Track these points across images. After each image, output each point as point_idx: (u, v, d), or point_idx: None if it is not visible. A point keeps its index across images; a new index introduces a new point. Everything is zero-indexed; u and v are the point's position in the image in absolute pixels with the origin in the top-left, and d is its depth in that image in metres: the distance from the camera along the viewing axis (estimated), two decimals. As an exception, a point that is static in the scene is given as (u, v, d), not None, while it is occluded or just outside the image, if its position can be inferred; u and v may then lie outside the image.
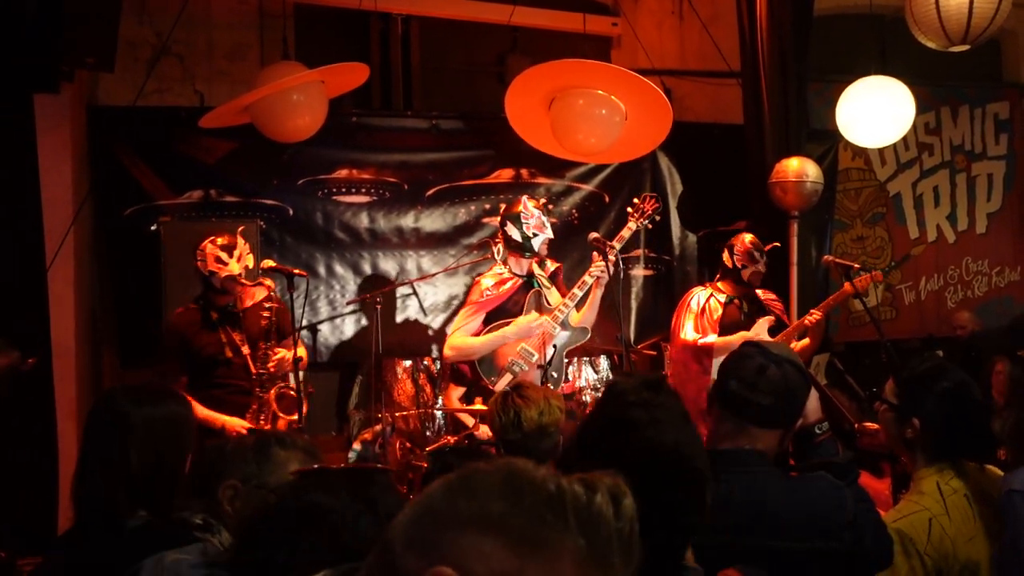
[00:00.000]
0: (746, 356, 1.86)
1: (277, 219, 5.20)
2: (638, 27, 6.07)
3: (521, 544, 0.74)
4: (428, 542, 0.76)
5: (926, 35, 4.45)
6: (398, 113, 5.67)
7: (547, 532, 0.74)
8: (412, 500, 0.82)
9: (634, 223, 4.45)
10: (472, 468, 0.79)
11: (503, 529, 0.74)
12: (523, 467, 0.79)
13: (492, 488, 0.76)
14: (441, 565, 0.73)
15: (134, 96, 5.02)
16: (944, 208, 6.93)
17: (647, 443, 1.34)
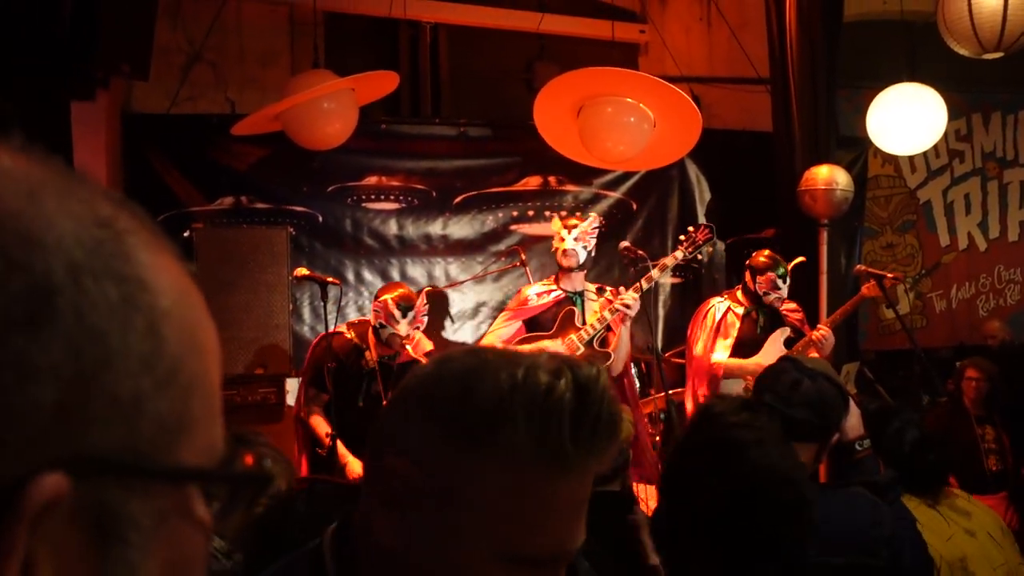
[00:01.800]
0: (781, 371, 1.86)
1: (307, 226, 5.24)
2: (666, 34, 6.07)
3: (463, 440, 0.73)
4: (386, 434, 0.78)
5: (959, 42, 4.41)
6: (427, 120, 5.70)
7: (489, 426, 0.72)
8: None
9: (681, 252, 4.35)
10: (444, 358, 0.80)
11: (445, 422, 0.74)
12: (491, 355, 0.77)
13: (448, 378, 0.76)
14: (396, 456, 0.75)
15: (167, 103, 5.09)
16: (975, 215, 6.86)
17: (753, 465, 1.31)
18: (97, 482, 0.36)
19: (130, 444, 0.37)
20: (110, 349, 0.37)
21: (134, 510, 0.38)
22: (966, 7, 4.31)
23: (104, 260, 0.38)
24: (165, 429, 0.39)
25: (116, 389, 0.37)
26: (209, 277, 4.47)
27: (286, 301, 4.57)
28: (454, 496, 0.73)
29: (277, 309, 4.58)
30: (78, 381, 0.36)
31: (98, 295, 0.37)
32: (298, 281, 4.36)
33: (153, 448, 0.38)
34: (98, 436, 0.36)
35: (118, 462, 0.37)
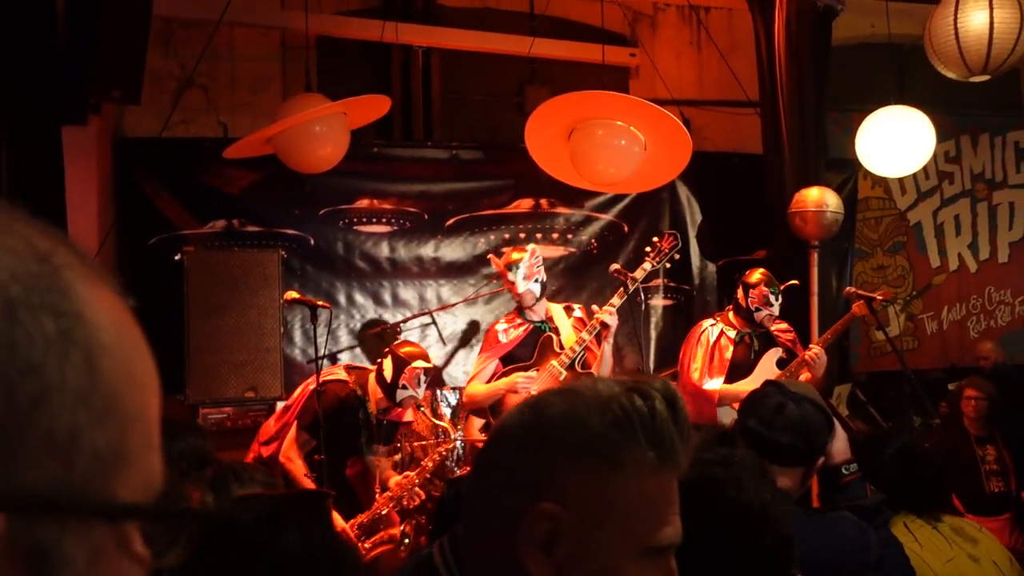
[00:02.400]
0: (765, 395, 1.86)
1: (299, 249, 5.24)
2: (656, 57, 6.11)
3: (603, 466, 0.85)
4: (522, 482, 0.85)
5: (946, 65, 4.46)
6: (419, 144, 5.72)
7: (622, 451, 0.85)
8: (490, 442, 0.93)
9: (650, 263, 4.39)
10: (538, 403, 0.89)
11: (585, 457, 0.85)
12: (584, 392, 0.88)
13: (564, 420, 0.86)
14: (543, 501, 0.83)
15: (159, 127, 5.10)
16: (965, 237, 6.90)
17: (731, 504, 1.27)
18: (31, 520, 0.35)
19: (64, 480, 0.37)
20: (45, 383, 0.36)
21: (68, 548, 0.37)
22: (952, 31, 4.36)
23: (40, 294, 0.38)
24: (101, 463, 0.38)
25: (51, 424, 0.36)
26: (200, 300, 4.46)
27: (277, 324, 4.56)
28: (604, 515, 0.85)
29: (268, 332, 4.57)
30: (12, 417, 0.35)
31: (34, 329, 0.37)
32: (289, 304, 4.34)
33: (88, 484, 0.37)
34: (32, 473, 0.35)
35: (52, 500, 0.36)
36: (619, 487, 0.84)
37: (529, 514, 0.83)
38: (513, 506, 0.85)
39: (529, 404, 0.90)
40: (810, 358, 4.41)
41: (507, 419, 0.90)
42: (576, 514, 0.83)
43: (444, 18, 5.82)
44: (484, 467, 0.91)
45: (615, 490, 0.84)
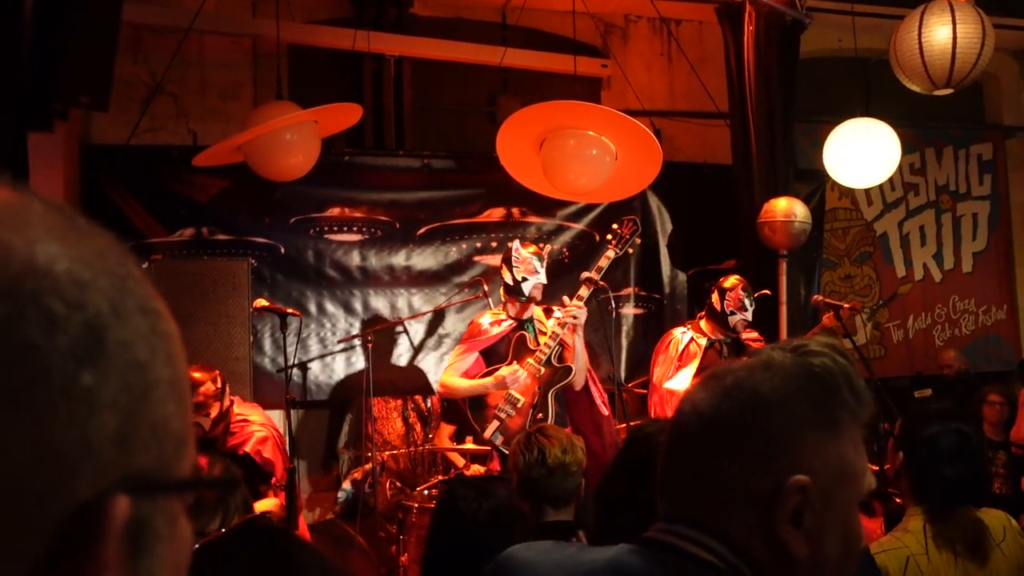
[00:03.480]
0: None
1: (268, 257, 5.21)
2: (627, 69, 6.16)
3: (827, 431, 0.90)
4: (762, 464, 0.89)
5: (910, 79, 4.54)
6: (390, 152, 5.71)
7: (836, 411, 0.90)
8: (692, 437, 0.94)
9: (612, 251, 4.43)
10: (740, 386, 0.91)
11: (812, 425, 0.89)
12: (773, 364, 0.92)
13: (782, 395, 0.90)
14: (790, 477, 0.87)
15: (127, 134, 5.05)
16: (930, 247, 7.01)
17: None
18: (140, 499, 0.40)
19: (160, 463, 0.41)
20: (148, 378, 0.41)
21: (158, 523, 0.42)
22: (917, 45, 4.44)
23: (130, 295, 0.42)
24: (178, 444, 0.43)
25: (153, 413, 0.41)
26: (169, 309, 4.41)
27: (247, 333, 4.53)
28: (838, 477, 0.89)
29: (238, 341, 4.53)
30: (130, 411, 0.39)
31: (135, 328, 0.41)
32: (259, 313, 4.32)
33: (172, 464, 0.42)
34: (141, 458, 0.40)
35: (155, 481, 0.41)
36: (842, 447, 0.89)
37: (783, 491, 0.86)
38: (761, 489, 0.87)
39: (727, 390, 0.91)
40: None
41: (705, 410, 0.91)
42: (818, 482, 0.87)
43: (416, 27, 5.82)
44: (694, 462, 0.92)
45: (840, 450, 0.89)
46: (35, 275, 0.38)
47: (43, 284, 0.38)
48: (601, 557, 0.93)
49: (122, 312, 0.40)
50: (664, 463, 0.95)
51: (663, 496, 0.94)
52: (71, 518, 0.37)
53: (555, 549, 1.01)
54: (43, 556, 0.37)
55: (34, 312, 0.37)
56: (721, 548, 0.88)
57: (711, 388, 0.92)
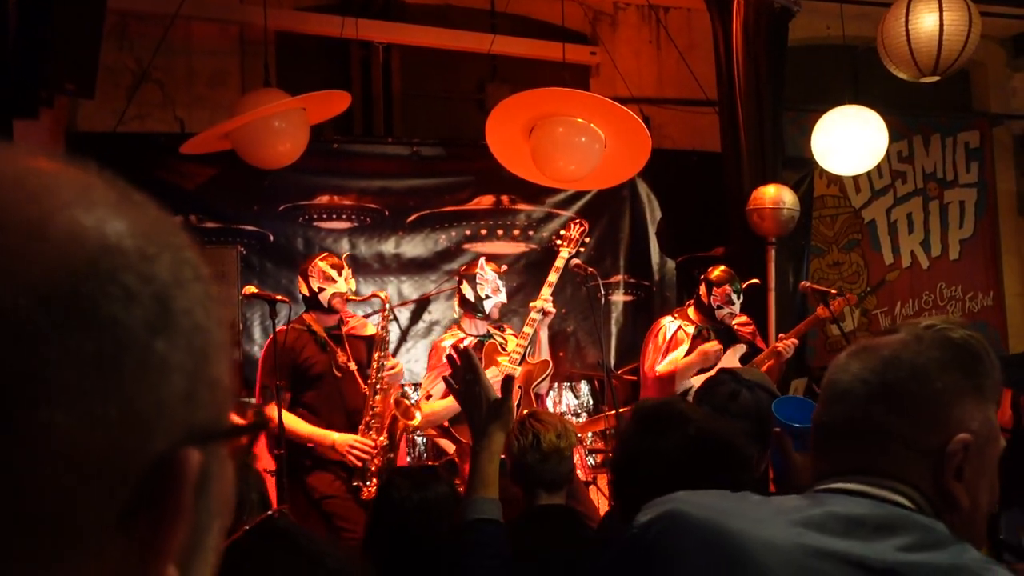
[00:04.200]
0: (719, 382, 1.90)
1: (257, 245, 5.19)
2: (616, 56, 6.16)
3: (978, 394, 1.03)
4: (931, 422, 1.01)
5: (897, 66, 4.56)
6: (379, 140, 5.70)
7: (983, 378, 1.03)
8: (864, 399, 1.05)
9: (566, 251, 4.49)
10: (892, 353, 1.03)
11: (971, 390, 1.02)
12: (929, 338, 1.04)
13: (946, 366, 1.02)
14: (959, 433, 1.00)
15: (114, 122, 5.02)
16: (918, 235, 7.05)
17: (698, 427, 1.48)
18: (204, 450, 0.44)
19: (216, 414, 0.46)
20: (208, 340, 0.45)
21: (212, 467, 0.46)
22: (904, 32, 4.46)
23: (186, 264, 0.45)
24: (228, 397, 0.47)
25: (212, 373, 0.45)
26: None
27: (236, 321, 4.52)
28: (989, 436, 1.02)
29: (226, 329, 4.52)
30: (195, 372, 0.43)
31: (193, 294, 0.44)
32: (247, 300, 4.31)
33: (224, 414, 0.47)
34: (203, 413, 0.44)
35: (215, 432, 0.46)
36: (988, 409, 1.02)
37: (949, 449, 0.98)
38: (929, 446, 0.99)
39: (886, 361, 1.02)
40: (784, 347, 4.49)
41: (870, 378, 1.02)
42: (976, 440, 0.99)
43: (405, 14, 5.80)
44: (865, 423, 1.02)
45: (988, 413, 1.02)
46: (110, 253, 0.41)
47: (118, 262, 0.41)
48: (810, 505, 1.01)
49: (182, 281, 0.44)
50: (825, 426, 1.06)
51: (826, 456, 1.06)
52: (151, 470, 0.41)
53: (735, 499, 1.06)
54: (129, 504, 0.41)
55: (113, 289, 0.41)
56: (912, 493, 0.99)
57: (867, 359, 1.04)
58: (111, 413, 0.40)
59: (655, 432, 1.49)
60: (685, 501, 1.03)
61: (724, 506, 1.03)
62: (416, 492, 1.95)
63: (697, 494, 1.06)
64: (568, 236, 4.50)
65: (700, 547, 0.98)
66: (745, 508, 1.03)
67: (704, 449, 1.43)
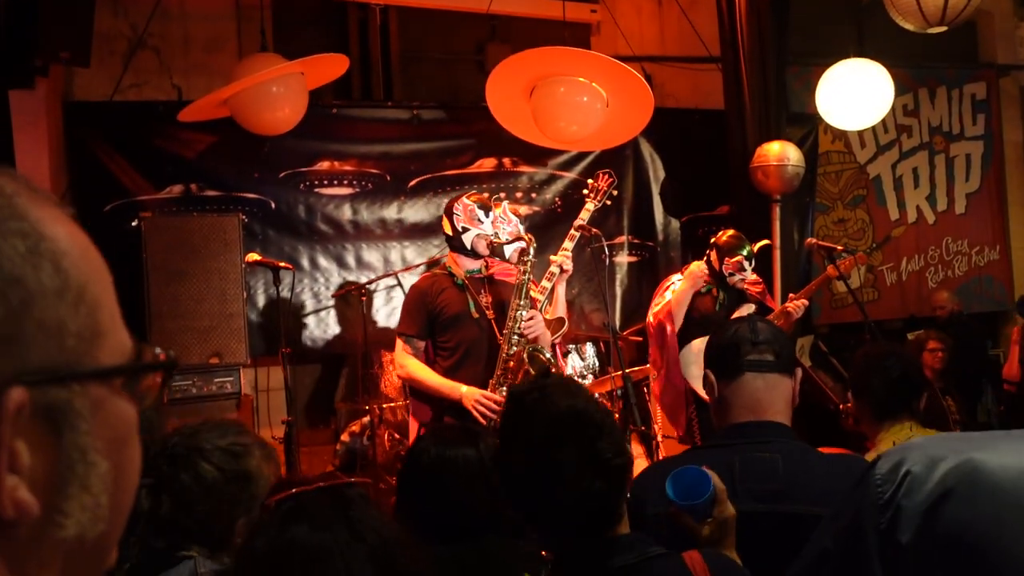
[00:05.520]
0: (733, 323, 1.90)
1: (259, 212, 5.17)
2: (618, 14, 6.07)
3: None
4: None
5: (904, 17, 4.48)
6: (379, 104, 5.64)
7: None
8: None
9: (592, 204, 4.36)
10: None
11: None
12: None
13: None
14: None
15: (110, 91, 4.97)
16: (923, 189, 6.99)
17: (545, 416, 1.45)
18: (44, 388, 0.49)
19: (60, 356, 0.50)
20: (28, 290, 0.49)
21: (76, 404, 0.50)
22: (910, -18, 4.37)
23: (6, 223, 0.49)
24: (83, 340, 0.51)
25: (41, 317, 0.49)
26: (160, 267, 4.39)
27: (240, 289, 4.51)
28: None
29: (231, 297, 4.51)
30: (10, 317, 0.48)
31: (10, 251, 0.49)
32: (251, 268, 4.29)
33: (78, 356, 0.51)
34: (36, 354, 0.48)
35: (54, 371, 0.49)
36: None
37: None
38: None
39: None
40: (794, 308, 4.46)
41: None
42: None
43: (401, -25, 5.71)
44: None
45: None
46: None
47: None
48: None
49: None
50: None
51: None
52: None
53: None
54: None
55: None
56: None
57: None
58: None
59: (512, 429, 1.50)
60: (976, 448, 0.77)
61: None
62: (436, 448, 1.93)
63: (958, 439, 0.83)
64: (595, 187, 4.33)
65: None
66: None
67: (549, 436, 1.42)
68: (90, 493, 0.51)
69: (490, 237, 3.63)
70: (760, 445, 1.76)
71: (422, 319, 3.62)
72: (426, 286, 3.70)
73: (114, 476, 0.52)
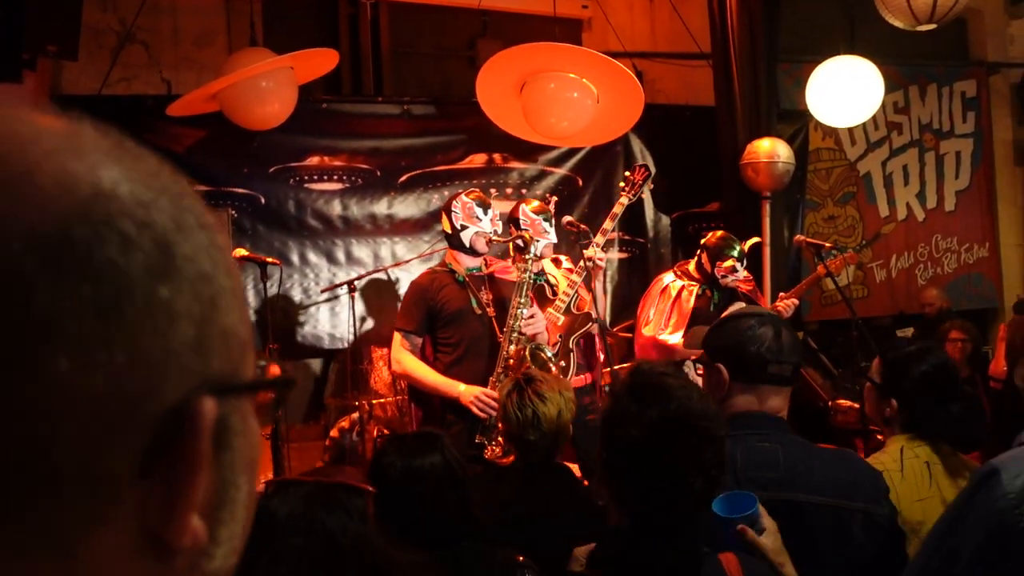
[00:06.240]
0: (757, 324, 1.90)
1: (249, 208, 5.15)
2: (609, 10, 6.06)
3: None
4: None
5: (893, 14, 4.49)
6: (369, 99, 5.62)
7: None
8: None
9: (626, 198, 4.33)
10: None
11: None
12: None
13: None
14: None
15: (99, 84, 4.95)
16: (913, 186, 7.01)
17: (679, 402, 1.50)
18: (222, 400, 0.44)
19: (231, 366, 0.45)
20: (215, 288, 0.44)
21: (234, 420, 0.46)
22: (900, -21, 4.38)
23: (188, 211, 0.44)
24: (244, 349, 0.47)
25: (222, 321, 0.44)
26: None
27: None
28: None
29: (220, 293, 4.49)
30: (203, 319, 0.43)
31: (198, 242, 0.44)
32: (240, 264, 4.27)
33: (241, 366, 0.46)
34: (216, 362, 0.44)
35: (230, 382, 0.45)
36: None
37: None
38: None
39: None
40: (784, 308, 4.47)
41: None
42: None
43: (392, -31, 5.70)
44: None
45: None
46: (104, 199, 0.41)
47: (112, 207, 0.40)
48: None
49: (184, 228, 0.43)
50: None
51: None
52: (164, 418, 0.41)
53: None
54: (146, 453, 0.40)
55: (109, 234, 0.40)
56: None
57: None
58: (117, 359, 0.39)
59: (640, 400, 1.53)
60: None
61: None
62: (402, 459, 1.92)
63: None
64: (631, 180, 4.32)
65: None
66: None
67: (677, 425, 1.48)
68: (236, 520, 0.47)
69: (488, 235, 3.64)
70: (760, 435, 1.82)
71: (421, 315, 3.63)
72: (427, 283, 3.71)
73: (248, 501, 0.48)
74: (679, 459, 1.46)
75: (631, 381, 1.60)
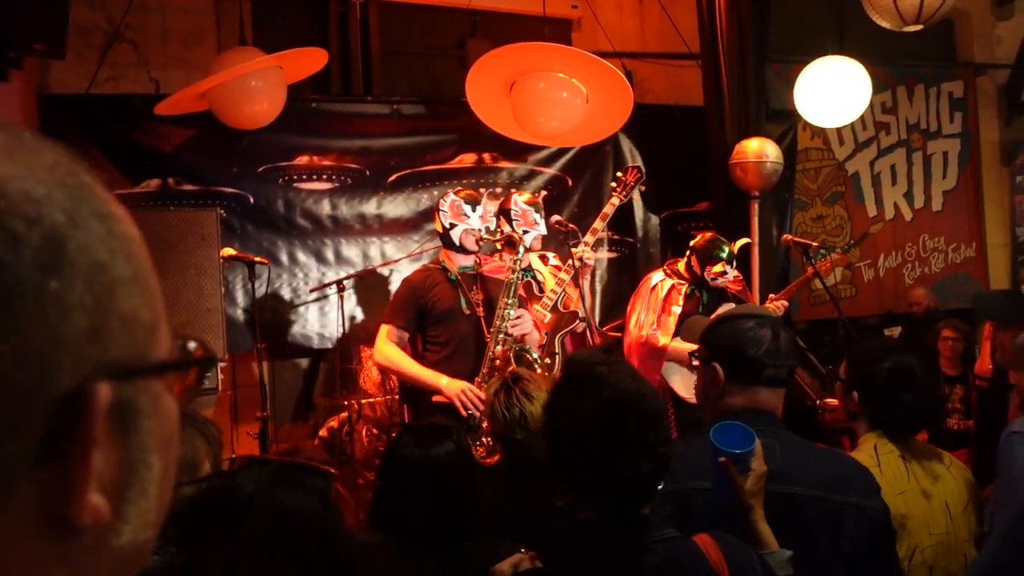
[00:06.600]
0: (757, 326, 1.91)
1: (237, 207, 5.14)
2: (598, 10, 6.07)
3: None
4: None
5: (880, 15, 4.51)
6: (358, 98, 5.62)
7: None
8: None
9: (617, 198, 4.36)
10: None
11: None
12: None
13: None
14: None
15: (86, 84, 4.93)
16: (901, 186, 7.04)
17: (613, 389, 1.51)
18: (122, 384, 0.45)
19: (135, 350, 0.47)
20: (112, 276, 0.45)
21: (141, 401, 0.47)
22: (887, -20, 4.40)
23: (83, 202, 0.46)
24: (149, 332, 0.48)
25: (120, 308, 0.46)
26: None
27: (218, 284, 4.48)
28: None
29: (209, 292, 4.48)
30: (97, 308, 0.44)
31: (93, 233, 0.45)
32: (228, 263, 4.27)
33: (146, 350, 0.48)
34: (115, 348, 0.45)
35: (132, 366, 0.46)
36: None
37: None
38: None
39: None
40: (774, 309, 4.47)
41: None
42: None
43: (382, -31, 5.69)
44: None
45: None
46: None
47: (0, 205, 0.41)
48: None
49: (78, 220, 0.44)
50: None
51: None
52: (60, 405, 0.42)
53: None
54: (41, 438, 0.42)
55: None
56: None
57: None
58: (3, 351, 0.40)
59: (574, 393, 1.55)
60: None
61: None
62: (420, 449, 1.94)
63: None
64: (623, 180, 4.36)
65: None
66: None
67: (614, 412, 1.49)
68: (146, 497, 0.48)
69: (478, 232, 3.66)
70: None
71: (411, 312, 3.65)
72: (419, 280, 3.73)
73: (162, 477, 0.50)
74: (623, 445, 1.47)
75: (564, 375, 1.64)
